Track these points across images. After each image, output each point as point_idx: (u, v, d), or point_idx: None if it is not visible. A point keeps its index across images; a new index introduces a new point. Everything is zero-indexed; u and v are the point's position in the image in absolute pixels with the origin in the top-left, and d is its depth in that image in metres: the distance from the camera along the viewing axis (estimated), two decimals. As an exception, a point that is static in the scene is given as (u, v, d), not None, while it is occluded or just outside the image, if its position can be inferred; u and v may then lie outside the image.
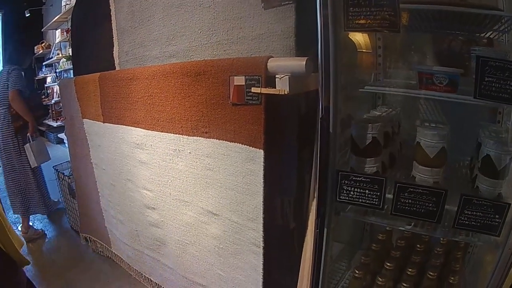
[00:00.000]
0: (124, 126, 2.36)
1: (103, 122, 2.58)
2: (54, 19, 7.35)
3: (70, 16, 5.36)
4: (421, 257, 1.78)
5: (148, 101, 2.10)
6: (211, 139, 1.79)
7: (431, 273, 1.63)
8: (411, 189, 1.37)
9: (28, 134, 3.80)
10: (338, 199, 1.51)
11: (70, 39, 6.09)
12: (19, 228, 4.11)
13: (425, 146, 1.51)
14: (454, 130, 1.62)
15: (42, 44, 8.88)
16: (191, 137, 1.89)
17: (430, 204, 1.36)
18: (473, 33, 1.76)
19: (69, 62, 7.03)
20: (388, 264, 1.71)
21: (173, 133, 1.99)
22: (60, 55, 7.69)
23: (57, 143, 7.28)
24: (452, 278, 1.62)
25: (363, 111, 1.98)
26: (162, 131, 2.06)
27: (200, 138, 1.84)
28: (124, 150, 2.44)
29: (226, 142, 1.72)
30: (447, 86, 1.36)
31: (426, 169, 1.53)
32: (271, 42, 1.74)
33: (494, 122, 1.72)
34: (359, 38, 1.86)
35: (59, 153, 5.52)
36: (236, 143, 1.67)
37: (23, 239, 1.93)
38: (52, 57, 8.26)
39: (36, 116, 4.20)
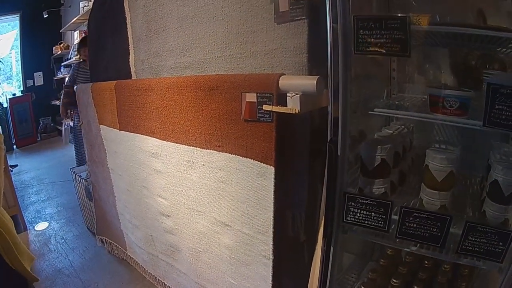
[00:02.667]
0: (140, 135, 2.39)
1: (120, 130, 2.62)
2: (72, 21, 7.43)
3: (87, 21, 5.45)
4: (427, 274, 1.79)
5: (163, 112, 2.13)
6: (224, 153, 1.82)
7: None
8: (416, 214, 1.38)
9: None
10: (344, 220, 1.53)
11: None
12: (36, 228, 4.24)
13: (433, 170, 1.51)
14: (466, 148, 1.61)
15: (61, 45, 8.97)
16: (205, 149, 1.92)
17: (435, 229, 1.36)
18: (489, 50, 1.74)
19: (87, 63, 7.05)
20: (395, 280, 1.72)
21: (187, 145, 2.02)
22: (79, 56, 7.68)
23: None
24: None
25: (376, 128, 1.99)
26: (176, 142, 2.09)
27: (214, 151, 1.87)
28: (140, 158, 2.48)
29: (239, 156, 1.74)
30: (457, 110, 1.36)
31: (434, 192, 1.52)
32: (283, 58, 1.75)
33: (507, 142, 1.68)
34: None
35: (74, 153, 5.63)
36: (248, 158, 1.69)
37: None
38: (70, 58, 8.31)
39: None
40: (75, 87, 3.40)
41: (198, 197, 2.08)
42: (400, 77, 1.96)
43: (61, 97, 5.11)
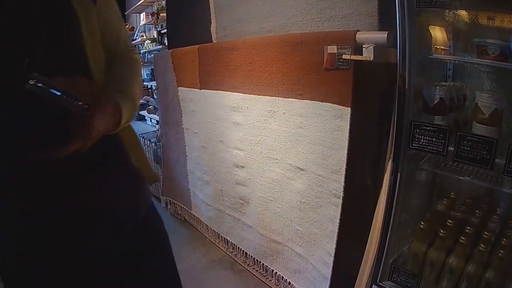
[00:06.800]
0: (222, 91, 2.62)
1: (200, 89, 2.86)
2: (138, 3, 7.57)
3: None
4: (479, 220, 1.95)
5: (247, 68, 2.34)
6: (304, 100, 2.03)
7: (486, 233, 1.80)
8: (469, 138, 1.57)
9: None
10: (411, 146, 1.74)
11: (156, 21, 6.40)
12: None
13: (481, 106, 1.70)
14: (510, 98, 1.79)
15: (126, 27, 9.17)
16: (286, 98, 2.13)
17: (484, 152, 1.54)
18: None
19: (153, 43, 7.35)
20: (450, 221, 1.89)
21: (270, 96, 2.23)
22: (145, 37, 8.03)
23: (137, 120, 7.49)
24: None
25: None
26: (259, 94, 2.30)
27: (295, 99, 2.09)
28: (219, 114, 2.69)
29: (318, 102, 1.96)
30: (498, 56, 1.58)
31: (483, 126, 1.70)
32: (357, 21, 2.00)
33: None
34: (432, 28, 2.00)
35: (140, 128, 5.86)
36: (327, 103, 1.92)
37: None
38: (136, 39, 8.58)
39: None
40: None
41: (276, 144, 2.28)
42: (455, 45, 2.09)
43: None
